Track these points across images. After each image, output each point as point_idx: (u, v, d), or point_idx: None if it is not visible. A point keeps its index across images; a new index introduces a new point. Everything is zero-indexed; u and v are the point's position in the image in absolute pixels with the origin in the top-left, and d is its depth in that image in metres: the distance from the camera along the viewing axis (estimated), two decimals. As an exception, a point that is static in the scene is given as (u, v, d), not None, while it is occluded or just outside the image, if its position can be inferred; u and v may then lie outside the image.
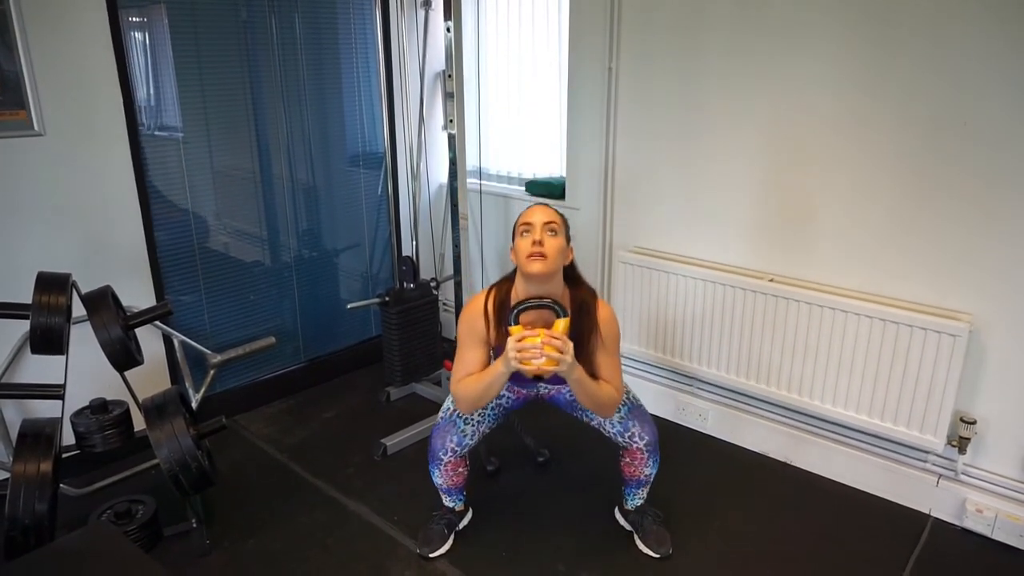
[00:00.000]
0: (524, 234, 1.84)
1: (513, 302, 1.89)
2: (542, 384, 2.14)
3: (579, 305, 1.91)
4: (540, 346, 1.72)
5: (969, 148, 2.03)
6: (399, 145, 3.30)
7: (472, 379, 1.90)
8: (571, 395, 2.13)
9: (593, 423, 2.12)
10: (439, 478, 2.13)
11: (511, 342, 1.75)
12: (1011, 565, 2.10)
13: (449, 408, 2.09)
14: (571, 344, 1.76)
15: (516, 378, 1.97)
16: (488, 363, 1.94)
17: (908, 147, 2.14)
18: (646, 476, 2.12)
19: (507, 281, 1.97)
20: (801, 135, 2.34)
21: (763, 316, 2.49)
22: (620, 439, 2.07)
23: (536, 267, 1.80)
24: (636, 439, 2.04)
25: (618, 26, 2.68)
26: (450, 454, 2.06)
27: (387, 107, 3.07)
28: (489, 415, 2.12)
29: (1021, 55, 1.90)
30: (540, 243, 1.80)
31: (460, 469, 2.13)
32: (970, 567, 2.10)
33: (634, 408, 2.07)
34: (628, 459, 2.10)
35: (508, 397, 2.16)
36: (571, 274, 1.96)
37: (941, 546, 2.18)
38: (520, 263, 1.85)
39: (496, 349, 1.94)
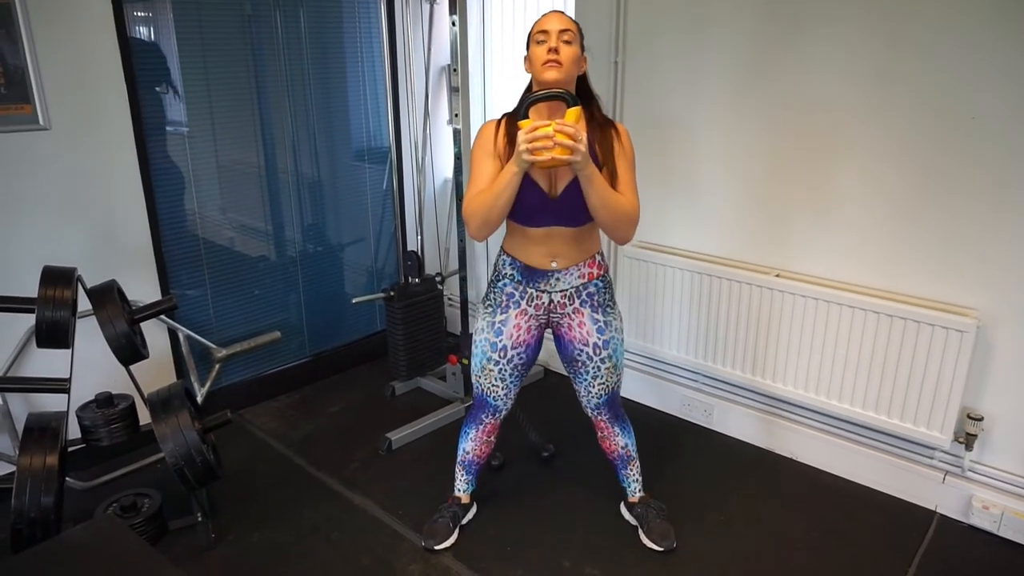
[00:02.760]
0: (539, 42, 1.78)
1: None
2: (554, 264, 1.92)
3: (592, 114, 1.85)
4: (552, 134, 1.62)
5: (977, 143, 2.02)
6: (404, 140, 3.29)
7: (483, 190, 1.81)
8: (577, 347, 2.00)
9: (578, 381, 2.07)
10: (470, 443, 2.16)
11: (521, 134, 1.65)
12: (1017, 562, 2.10)
13: (478, 388, 2.09)
14: (584, 133, 1.66)
15: (526, 274, 1.94)
16: None
17: (915, 141, 2.12)
18: (623, 448, 2.17)
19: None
20: (808, 130, 2.33)
21: (769, 311, 2.48)
22: (592, 409, 2.11)
23: (551, 74, 1.74)
24: (603, 412, 2.11)
25: (624, 20, 2.67)
26: (490, 417, 2.12)
27: (392, 102, 3.07)
28: (510, 377, 2.04)
29: (1031, 48, 1.89)
30: (556, 50, 1.75)
31: (492, 438, 2.18)
32: (976, 564, 2.09)
33: (615, 396, 2.11)
34: (600, 434, 2.17)
35: (520, 352, 2.01)
36: (584, 88, 1.89)
37: (947, 543, 2.18)
38: (535, 71, 1.80)
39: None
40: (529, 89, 1.88)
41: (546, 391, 3.17)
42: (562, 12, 1.84)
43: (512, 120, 1.84)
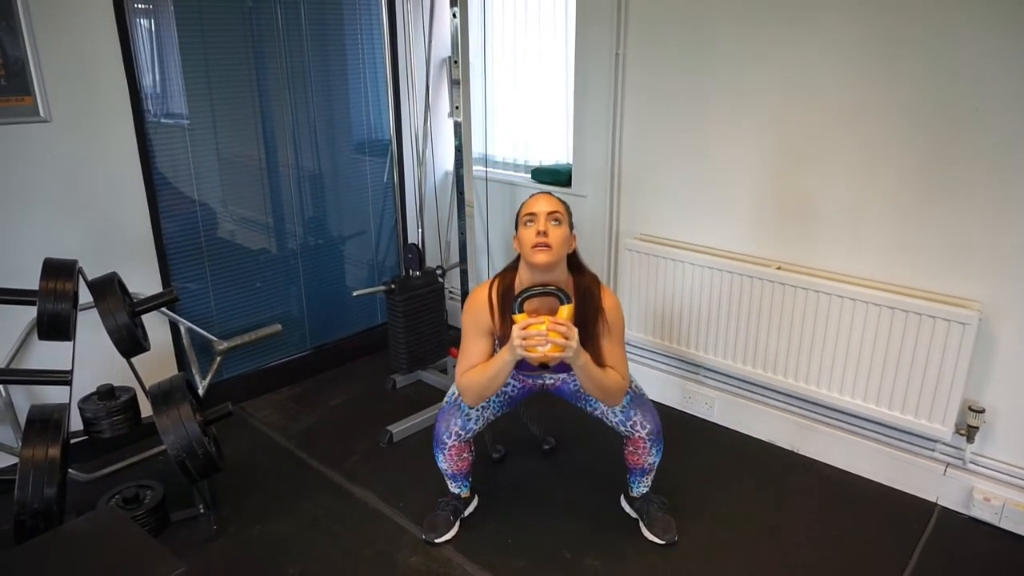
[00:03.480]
0: (528, 224, 1.84)
1: (517, 290, 1.89)
2: (547, 375, 2.14)
3: (583, 292, 1.92)
4: (545, 333, 1.72)
5: (980, 135, 2.01)
6: (405, 132, 3.29)
7: (477, 370, 1.90)
8: (575, 385, 2.14)
9: (596, 413, 2.12)
10: (443, 463, 2.14)
11: (516, 330, 1.76)
12: (1018, 553, 2.10)
13: (454, 393, 2.09)
14: (576, 330, 1.76)
15: (521, 367, 1.97)
16: (493, 354, 1.94)
17: (918, 133, 2.12)
18: (649, 464, 2.13)
19: (511, 270, 1.97)
20: (810, 121, 2.32)
21: (770, 304, 2.47)
22: (622, 428, 2.07)
23: (541, 258, 1.80)
24: (638, 428, 2.04)
25: (626, 11, 2.66)
26: (454, 438, 2.07)
27: (393, 94, 3.06)
28: (494, 403, 2.11)
29: (1035, 39, 1.88)
30: (544, 233, 1.80)
31: (465, 455, 2.14)
32: (977, 555, 2.09)
33: (636, 397, 2.07)
34: (631, 448, 2.10)
35: (514, 386, 2.16)
36: (574, 261, 1.96)
37: (948, 534, 2.18)
38: (524, 253, 1.85)
39: (500, 339, 1.94)
40: (517, 265, 1.94)
41: (547, 384, 3.17)
42: (549, 193, 1.90)
43: (503, 281, 1.94)
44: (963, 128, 2.03)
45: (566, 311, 1.80)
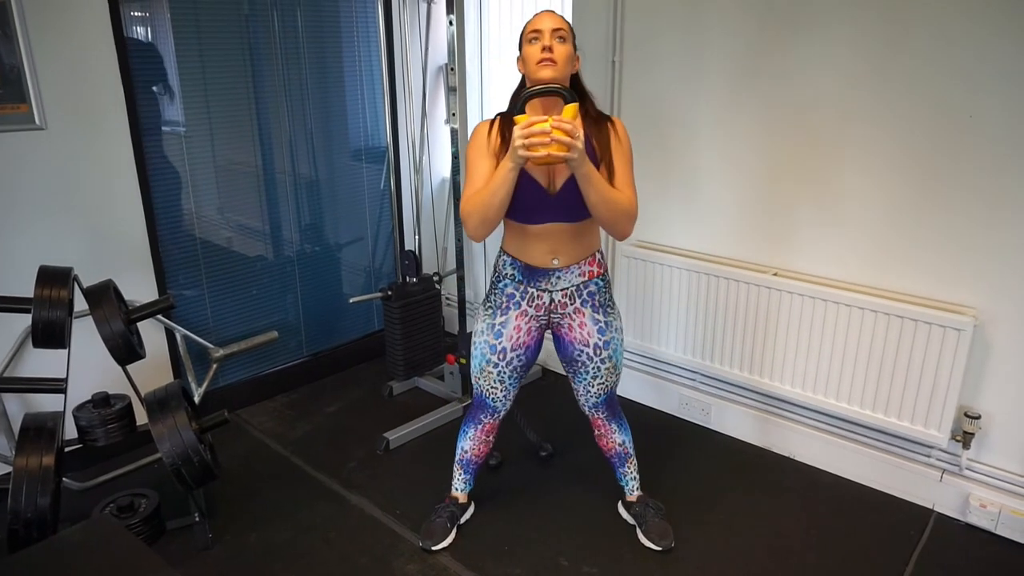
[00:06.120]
0: (533, 41, 1.78)
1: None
2: (556, 273, 1.94)
3: (586, 112, 1.85)
4: (548, 131, 1.59)
5: (974, 141, 2.02)
6: (401, 139, 3.29)
7: (479, 190, 1.80)
8: (578, 339, 1.99)
9: (579, 389, 2.08)
10: (469, 441, 2.17)
11: (517, 130, 1.63)
12: (1014, 560, 2.10)
13: (476, 389, 2.10)
14: (581, 131, 1.64)
15: (527, 274, 1.93)
16: None
17: (913, 139, 2.13)
18: (620, 445, 2.17)
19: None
20: (805, 128, 2.33)
21: (766, 310, 2.48)
22: (588, 409, 2.12)
23: (546, 72, 1.75)
24: (600, 411, 2.12)
25: (621, 19, 2.67)
26: (489, 417, 2.12)
27: (389, 101, 3.06)
28: (509, 379, 2.04)
29: (1027, 47, 1.89)
30: (550, 49, 1.75)
31: (490, 437, 2.18)
32: (973, 562, 2.09)
33: (614, 393, 2.13)
34: (597, 432, 2.18)
35: (519, 355, 2.01)
36: (578, 87, 1.88)
37: (944, 541, 2.18)
38: (529, 70, 1.79)
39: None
40: (522, 87, 1.87)
41: (544, 390, 3.17)
42: (553, 11, 1.85)
43: (506, 118, 1.85)
44: (958, 134, 2.04)
45: (571, 110, 1.67)
